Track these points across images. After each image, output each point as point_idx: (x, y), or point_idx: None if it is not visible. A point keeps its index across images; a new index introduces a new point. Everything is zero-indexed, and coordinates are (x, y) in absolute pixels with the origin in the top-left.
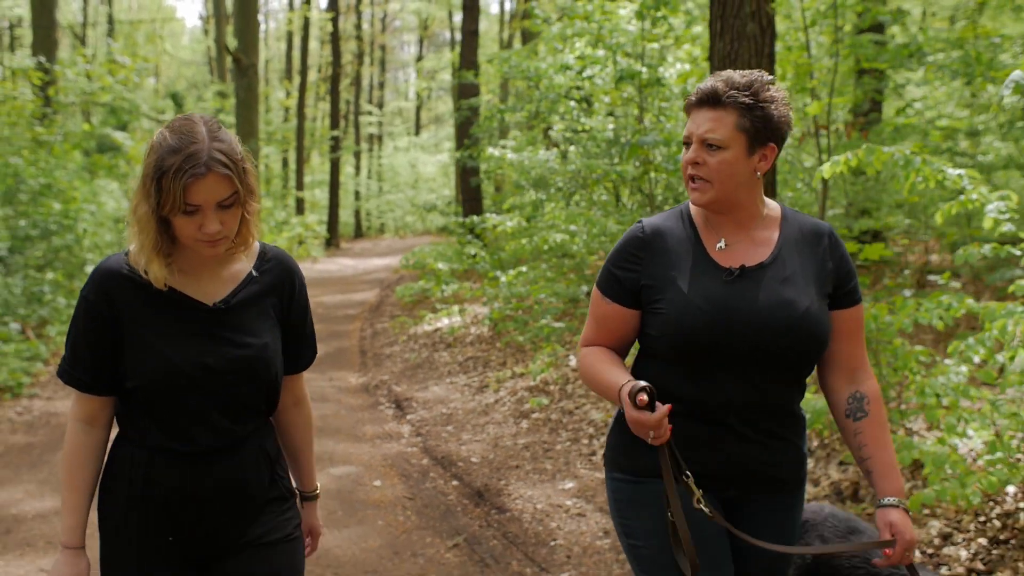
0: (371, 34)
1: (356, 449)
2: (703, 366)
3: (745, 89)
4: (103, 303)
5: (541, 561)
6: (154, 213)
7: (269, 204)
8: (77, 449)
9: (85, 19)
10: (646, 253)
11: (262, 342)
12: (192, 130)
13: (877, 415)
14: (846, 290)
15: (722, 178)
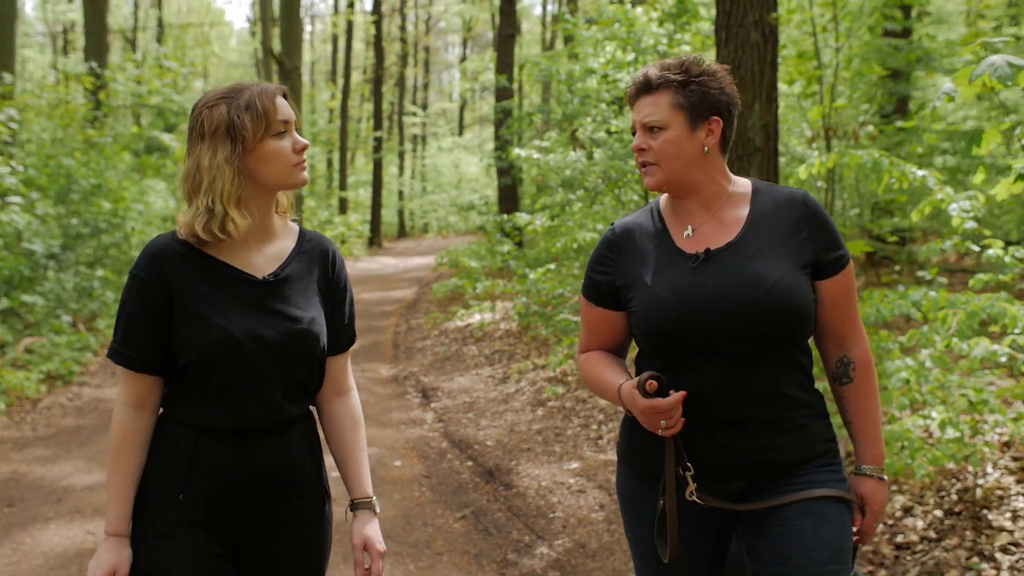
0: (415, 36)
1: (381, 433)
2: (682, 358)
3: (676, 69)
4: (155, 279)
5: (539, 530)
6: (232, 157)
7: (313, 204)
8: (125, 434)
9: (136, 23)
10: (615, 253)
11: (311, 315)
12: (235, 84)
13: (862, 382)
14: (830, 258)
15: (666, 157)
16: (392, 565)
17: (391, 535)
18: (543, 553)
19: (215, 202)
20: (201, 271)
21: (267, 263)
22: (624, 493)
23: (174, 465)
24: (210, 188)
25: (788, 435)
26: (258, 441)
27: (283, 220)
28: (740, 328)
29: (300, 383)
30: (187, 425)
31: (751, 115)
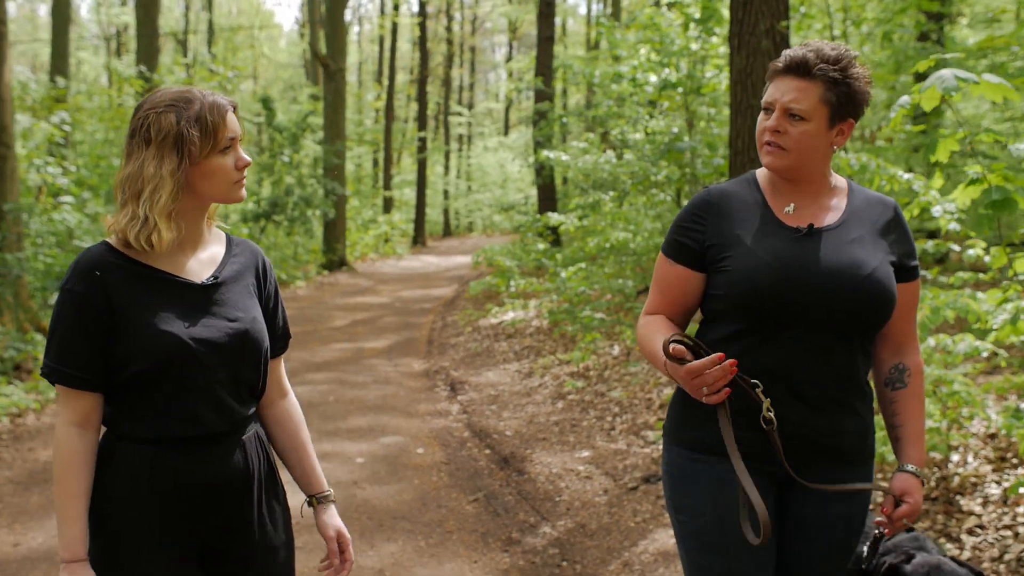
0: (461, 36)
1: (408, 423)
2: (768, 326)
3: (835, 63)
4: (94, 291)
5: (544, 512)
6: (177, 169)
7: (357, 203)
8: (71, 455)
9: (187, 26)
10: (711, 214)
11: (252, 315)
12: (181, 89)
13: (915, 388)
14: (909, 264)
15: (800, 148)
16: (404, 542)
17: (407, 516)
18: (546, 532)
19: (151, 211)
20: (140, 280)
21: (202, 268)
22: (677, 471)
23: (136, 485)
24: (149, 197)
25: (851, 421)
26: (214, 447)
27: (210, 226)
28: (836, 305)
29: (247, 384)
30: (140, 441)
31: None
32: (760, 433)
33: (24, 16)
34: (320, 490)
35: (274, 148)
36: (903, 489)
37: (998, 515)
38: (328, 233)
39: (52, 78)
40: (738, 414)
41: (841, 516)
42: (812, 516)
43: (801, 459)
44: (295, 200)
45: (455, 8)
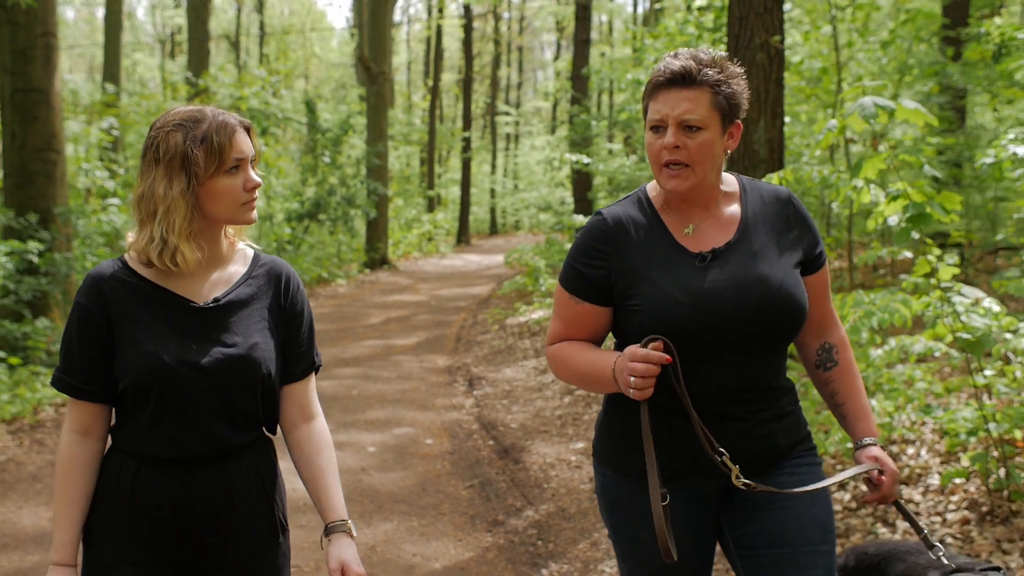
0: (508, 36)
1: (422, 416)
2: (686, 356)
3: (713, 65)
4: (95, 305)
5: (531, 498)
6: (187, 190)
7: (401, 203)
8: (70, 461)
9: (238, 27)
10: (611, 247)
11: (251, 342)
12: (193, 108)
13: (846, 363)
14: (814, 254)
15: (703, 160)
16: (399, 522)
17: (406, 499)
18: (528, 515)
19: (168, 233)
20: (141, 297)
21: (213, 289)
22: (613, 496)
23: (117, 496)
24: (164, 218)
25: (781, 422)
26: (197, 471)
27: (233, 245)
28: (748, 326)
29: (243, 411)
30: (128, 454)
31: (756, 130)
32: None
33: (82, 19)
34: (333, 519)
35: (317, 150)
36: (875, 458)
37: (934, 503)
38: (370, 232)
39: (104, 83)
40: (660, 428)
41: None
42: (759, 495)
43: (746, 467)
44: (338, 200)
45: (502, 8)
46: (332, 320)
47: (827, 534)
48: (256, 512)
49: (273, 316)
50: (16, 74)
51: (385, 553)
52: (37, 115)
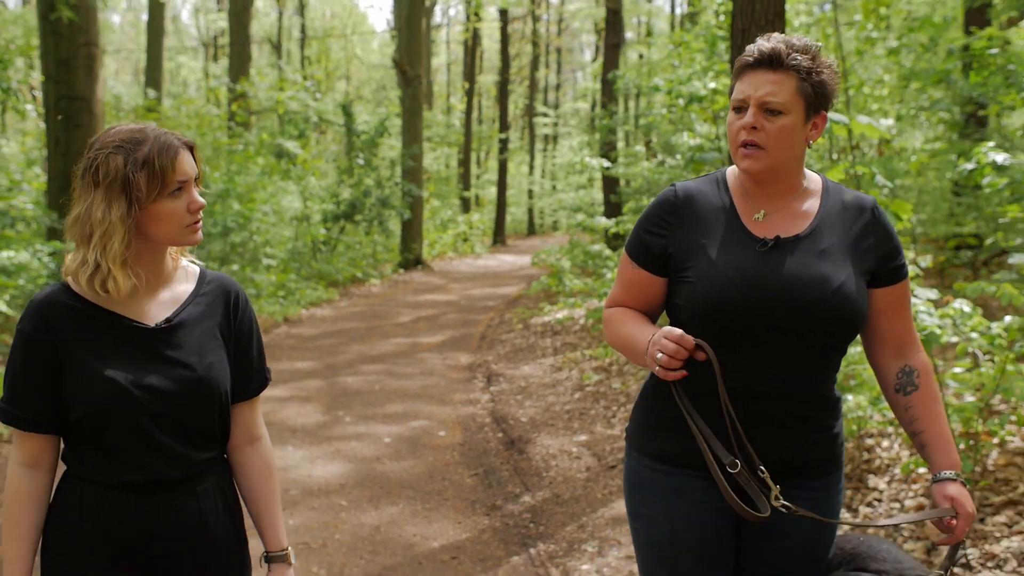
0: (547, 37)
1: (439, 410)
2: (729, 341)
3: (805, 52)
4: (40, 333)
5: (530, 485)
6: (126, 214)
7: (438, 204)
8: (19, 495)
9: (280, 30)
10: (676, 218)
11: (207, 362)
12: (135, 128)
13: (928, 388)
14: (890, 267)
15: (780, 145)
16: (404, 505)
17: (413, 485)
18: (525, 501)
19: (101, 258)
20: (88, 322)
21: (161, 309)
22: (636, 478)
23: (79, 526)
24: (99, 243)
25: (818, 435)
26: (165, 494)
27: (176, 262)
28: (799, 322)
29: (202, 430)
30: (90, 482)
31: None
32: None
33: (128, 23)
34: (274, 548)
35: (352, 153)
36: (951, 498)
37: (896, 491)
38: (405, 233)
39: (146, 88)
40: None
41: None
42: (772, 523)
43: (771, 469)
44: (373, 201)
45: (541, 10)
46: (363, 319)
47: (819, 566)
48: (223, 531)
49: (223, 334)
50: (60, 82)
51: (388, 533)
52: (80, 122)
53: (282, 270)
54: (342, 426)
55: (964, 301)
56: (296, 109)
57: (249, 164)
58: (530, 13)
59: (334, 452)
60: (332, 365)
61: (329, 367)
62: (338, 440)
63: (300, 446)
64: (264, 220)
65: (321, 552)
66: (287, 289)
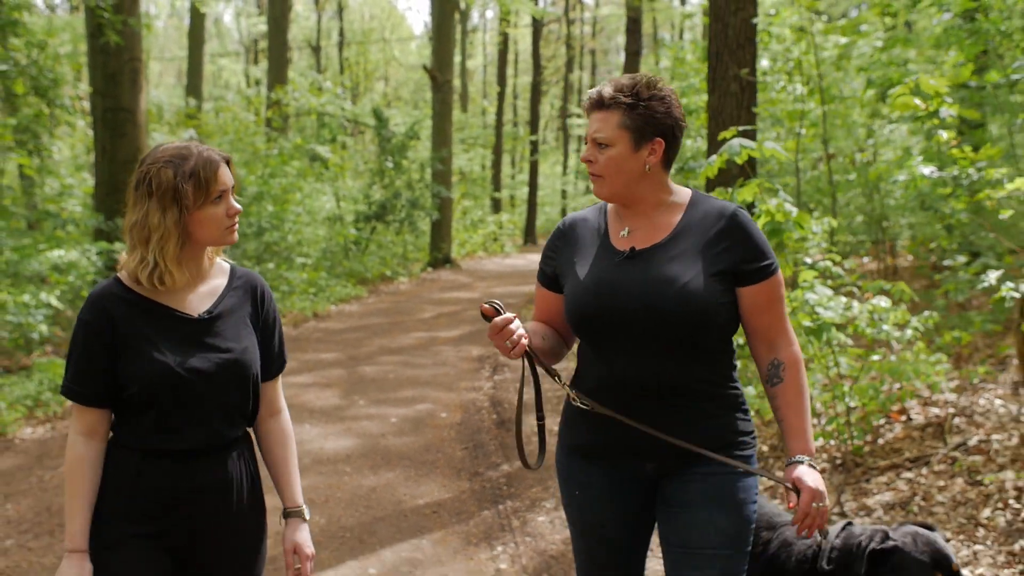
0: (581, 39)
1: (444, 395)
2: (599, 344)
3: (627, 90)
4: (100, 322)
5: (511, 457)
6: (179, 219)
7: (470, 203)
8: (79, 460)
9: (318, 34)
10: (561, 243)
11: (243, 346)
12: (180, 145)
13: (792, 380)
14: (750, 268)
15: (611, 172)
16: (399, 472)
17: (409, 456)
18: (503, 469)
19: (159, 258)
20: (141, 313)
21: (201, 301)
22: (560, 467)
23: (121, 484)
24: (157, 244)
25: (697, 424)
26: (196, 461)
27: (212, 261)
28: (646, 322)
29: (236, 407)
30: (132, 448)
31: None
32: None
33: (172, 27)
34: (290, 505)
35: (382, 155)
36: (793, 477)
37: None
38: (435, 233)
39: (187, 96)
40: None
41: (702, 493)
42: (674, 495)
43: (658, 459)
44: (403, 203)
45: (575, 13)
46: (387, 315)
47: (732, 540)
48: (245, 496)
49: (252, 322)
50: (106, 95)
51: (382, 493)
52: (124, 132)
53: (314, 268)
54: (356, 408)
55: (882, 297)
56: (332, 113)
57: (284, 167)
58: (564, 16)
59: (346, 430)
60: (354, 356)
61: (351, 358)
62: (351, 420)
63: (316, 424)
64: (297, 221)
65: (323, 506)
66: (318, 286)
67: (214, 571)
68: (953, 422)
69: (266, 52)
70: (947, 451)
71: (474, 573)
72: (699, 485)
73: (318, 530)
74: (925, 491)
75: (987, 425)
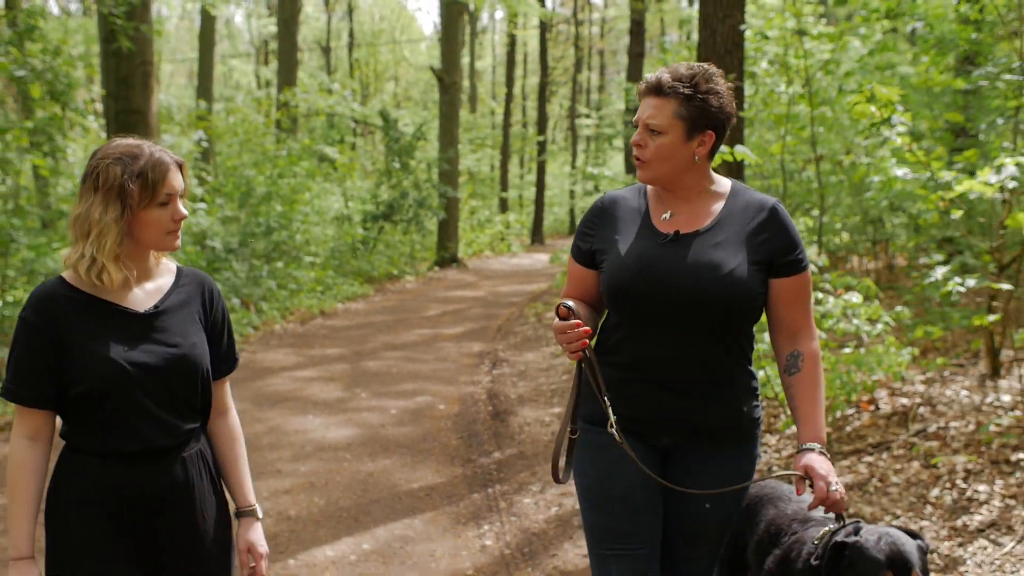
0: (590, 40)
1: (444, 389)
2: (634, 320)
3: (686, 80)
4: (44, 321)
5: (503, 445)
6: (120, 217)
7: (478, 203)
8: (22, 464)
9: (328, 35)
10: (600, 220)
11: (191, 342)
12: (133, 144)
13: (810, 372)
14: (784, 261)
15: (660, 159)
16: (396, 458)
17: (407, 445)
18: (495, 456)
19: (98, 253)
20: (86, 310)
21: (147, 298)
22: (579, 439)
23: (83, 491)
24: (96, 240)
25: (718, 406)
26: (157, 461)
27: (158, 260)
28: (690, 304)
29: (187, 402)
30: (88, 453)
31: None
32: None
33: (184, 28)
34: (243, 505)
35: (390, 156)
36: (804, 464)
37: (784, 444)
38: (442, 232)
39: (197, 99)
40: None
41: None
42: (682, 474)
43: (675, 436)
44: (410, 203)
45: (583, 14)
46: (392, 312)
47: (730, 521)
48: (207, 493)
49: (201, 320)
50: (119, 98)
51: (379, 478)
52: (137, 133)
53: (322, 267)
54: (357, 401)
55: (854, 292)
56: (342, 112)
57: (293, 168)
58: (573, 17)
59: (347, 420)
60: (358, 352)
61: (355, 353)
62: (352, 411)
63: (319, 415)
64: (306, 220)
65: (323, 489)
66: (325, 285)
67: (187, 569)
68: (918, 411)
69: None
70: (907, 437)
71: (461, 548)
72: (705, 467)
73: (317, 511)
74: (882, 473)
75: (948, 414)
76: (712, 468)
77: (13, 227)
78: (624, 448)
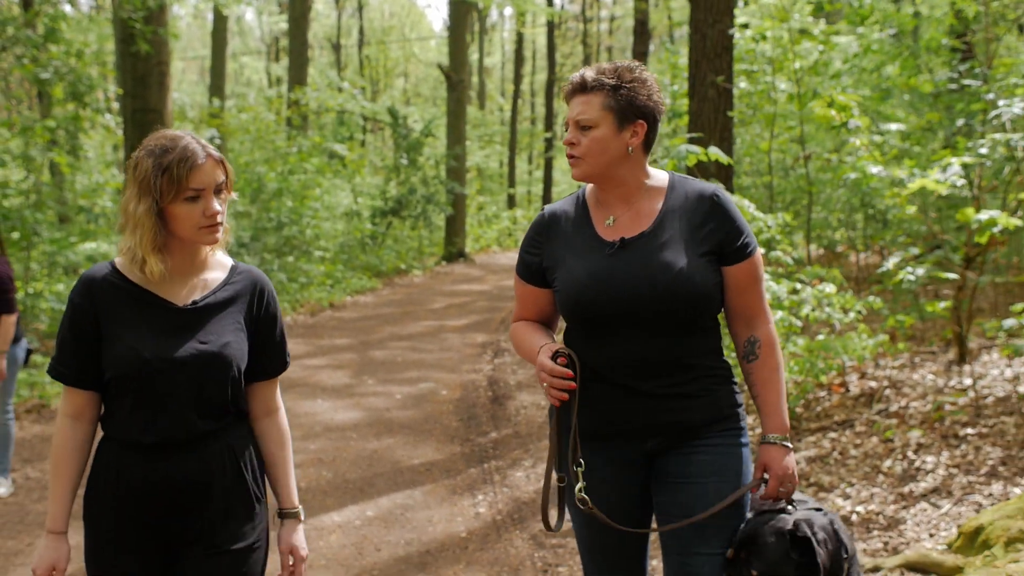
0: (598, 36)
1: (447, 376)
2: (596, 332)
3: (610, 74)
4: (86, 304)
5: (499, 426)
6: (152, 209)
7: (486, 199)
8: (64, 443)
9: (339, 32)
10: (545, 236)
11: (224, 340)
12: (174, 136)
13: (768, 358)
14: (733, 247)
15: (593, 153)
16: (399, 438)
17: (409, 426)
18: (492, 436)
19: (137, 246)
20: (127, 298)
21: (191, 292)
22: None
23: (108, 477)
24: (133, 232)
25: (696, 400)
26: (171, 453)
27: (212, 254)
28: (649, 308)
29: (212, 401)
30: (113, 440)
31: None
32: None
33: (196, 25)
34: (286, 506)
35: (398, 153)
36: (764, 459)
37: (758, 423)
38: (449, 228)
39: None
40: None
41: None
42: (676, 468)
43: (659, 437)
44: (418, 199)
45: (592, 11)
46: (400, 305)
47: (735, 509)
48: (231, 491)
49: (247, 319)
50: (136, 97)
51: (383, 454)
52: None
53: (331, 261)
54: (364, 387)
55: (827, 283)
56: (352, 109)
57: (303, 164)
58: (581, 14)
59: (354, 404)
60: (366, 342)
61: (363, 343)
62: (359, 396)
63: (328, 400)
64: (316, 216)
65: (331, 464)
66: (335, 278)
67: (205, 566)
68: (885, 393)
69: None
70: (869, 415)
71: (456, 515)
72: (701, 457)
73: (325, 483)
74: (843, 448)
75: (912, 395)
76: (710, 454)
77: (37, 221)
78: (596, 514)
